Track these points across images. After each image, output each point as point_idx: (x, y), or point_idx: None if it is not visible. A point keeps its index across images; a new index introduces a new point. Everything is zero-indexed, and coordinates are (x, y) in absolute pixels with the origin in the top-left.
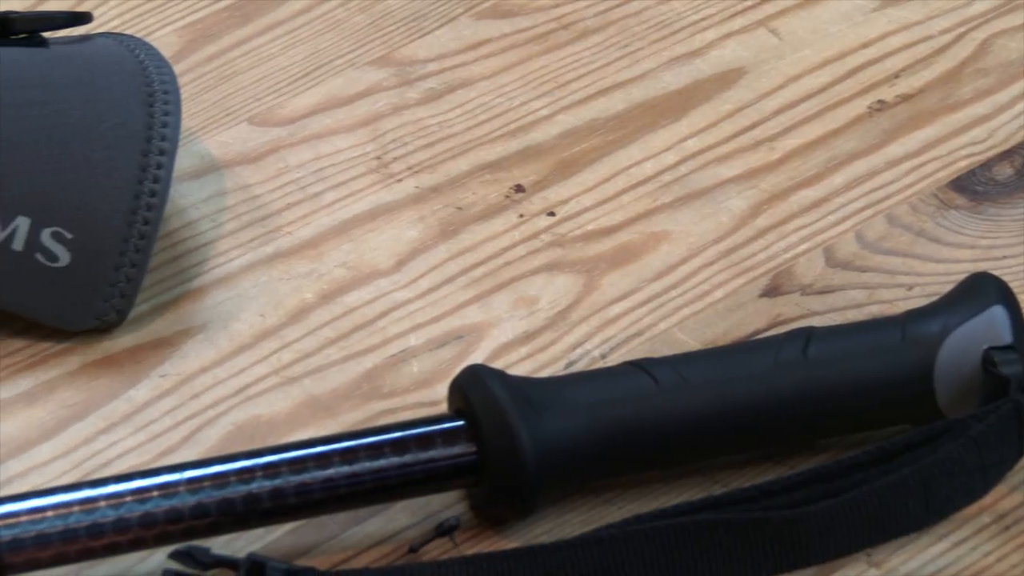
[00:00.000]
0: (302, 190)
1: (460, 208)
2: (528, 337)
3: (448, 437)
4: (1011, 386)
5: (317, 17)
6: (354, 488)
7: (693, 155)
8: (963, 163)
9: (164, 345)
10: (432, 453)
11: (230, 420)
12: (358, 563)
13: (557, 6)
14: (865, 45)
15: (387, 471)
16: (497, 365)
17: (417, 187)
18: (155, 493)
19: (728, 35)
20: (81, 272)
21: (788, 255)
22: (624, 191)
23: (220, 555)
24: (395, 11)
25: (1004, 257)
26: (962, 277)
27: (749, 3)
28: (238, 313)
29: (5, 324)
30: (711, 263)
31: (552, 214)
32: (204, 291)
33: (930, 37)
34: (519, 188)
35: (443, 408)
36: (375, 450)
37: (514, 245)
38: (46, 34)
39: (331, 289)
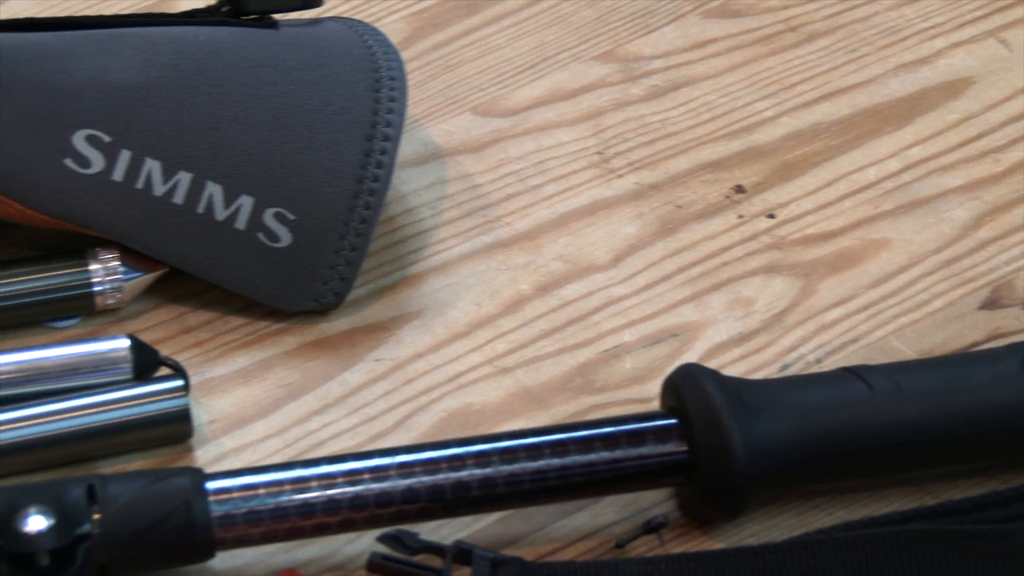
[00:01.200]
0: (522, 182)
1: (679, 206)
2: (743, 338)
3: (660, 434)
4: None
5: (544, 10)
6: (564, 481)
7: (917, 163)
8: None
9: (380, 329)
10: (643, 450)
11: (442, 407)
12: (564, 556)
13: (786, 8)
14: None
15: (597, 465)
16: (710, 365)
17: (637, 183)
18: (366, 476)
19: (957, 44)
20: (301, 254)
21: (1009, 268)
22: (845, 196)
23: (428, 541)
24: (622, 7)
25: None
26: None
27: (979, 13)
28: (454, 301)
29: (225, 302)
30: (930, 273)
31: (772, 216)
32: (421, 278)
33: None
34: (739, 189)
35: (654, 405)
36: (586, 444)
37: (732, 246)
38: (277, 17)
39: (547, 281)
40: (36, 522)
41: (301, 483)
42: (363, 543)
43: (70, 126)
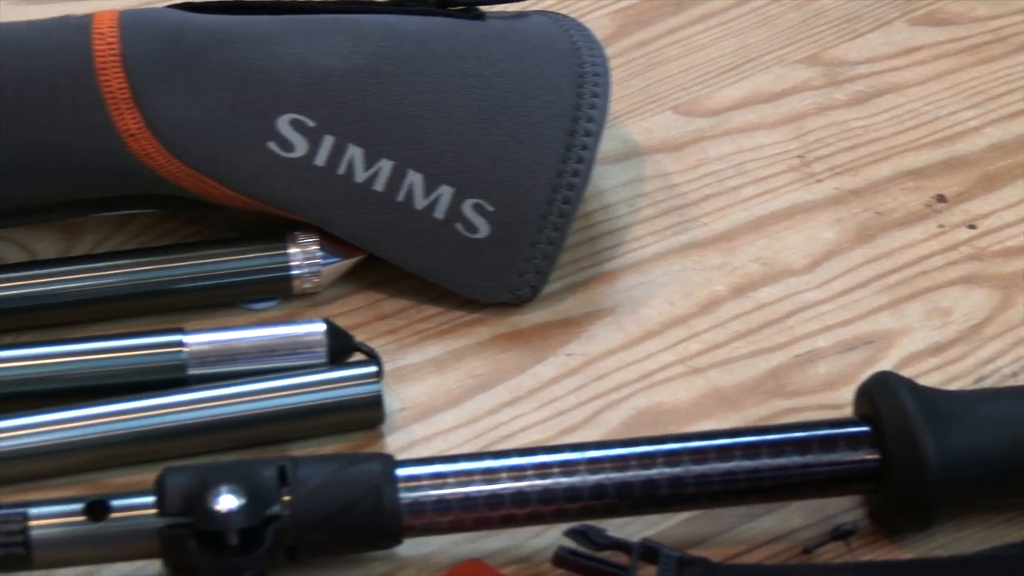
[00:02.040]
0: (721, 183)
1: (879, 213)
2: (938, 349)
3: (852, 441)
4: None
5: (750, 11)
6: (753, 483)
7: None
8: None
9: (573, 325)
10: (834, 456)
11: (633, 405)
12: (750, 559)
13: (995, 18)
14: None
15: (788, 469)
16: (905, 374)
17: (837, 189)
18: (556, 470)
19: None
20: (498, 245)
21: None
22: None
23: (614, 537)
24: (829, 11)
25: None
26: None
27: None
28: (648, 299)
29: (420, 291)
30: None
31: (972, 227)
32: (616, 275)
33: None
34: (941, 198)
35: (846, 412)
36: (777, 448)
37: (931, 255)
38: (484, 9)
39: (743, 283)
40: (227, 501)
41: (490, 474)
42: (550, 537)
43: (275, 110)
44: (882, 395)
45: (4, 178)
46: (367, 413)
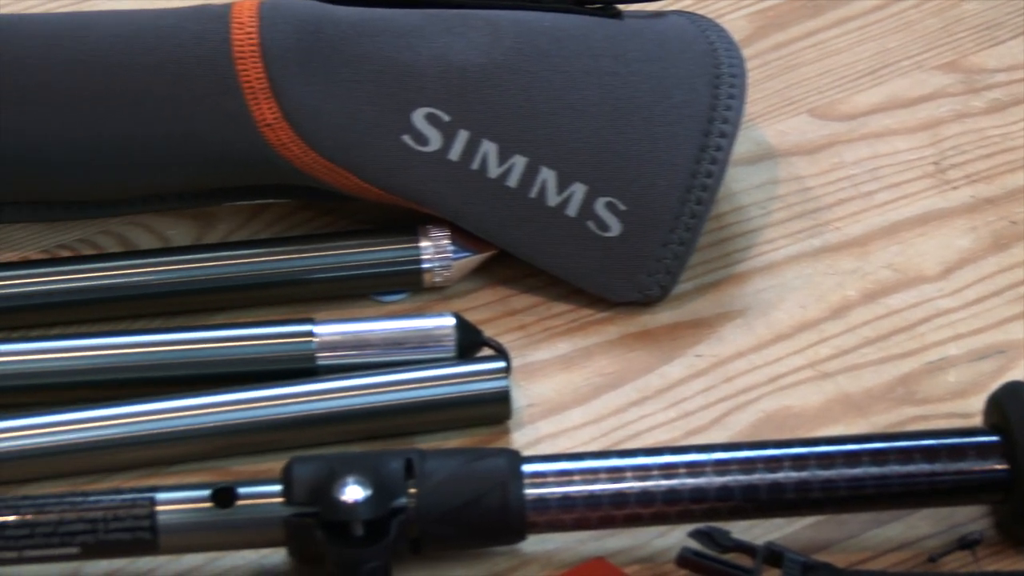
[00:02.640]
0: (855, 187)
1: (1014, 223)
2: None
3: (981, 451)
4: None
5: (889, 16)
6: (880, 490)
7: None
8: None
9: (702, 325)
10: (962, 465)
11: (760, 407)
12: (875, 565)
13: None
14: None
15: (915, 477)
16: None
17: (972, 196)
18: (682, 470)
19: None
20: (630, 244)
21: None
22: None
23: (739, 540)
24: (969, 17)
25: None
26: None
27: None
28: (778, 302)
29: (550, 287)
30: None
31: None
32: (746, 277)
33: None
34: None
35: (976, 421)
36: (905, 455)
37: None
38: (621, 7)
39: (874, 289)
40: (354, 492)
41: (616, 473)
42: (673, 537)
43: (412, 103)
44: (1013, 405)
45: (139, 165)
46: (494, 408)
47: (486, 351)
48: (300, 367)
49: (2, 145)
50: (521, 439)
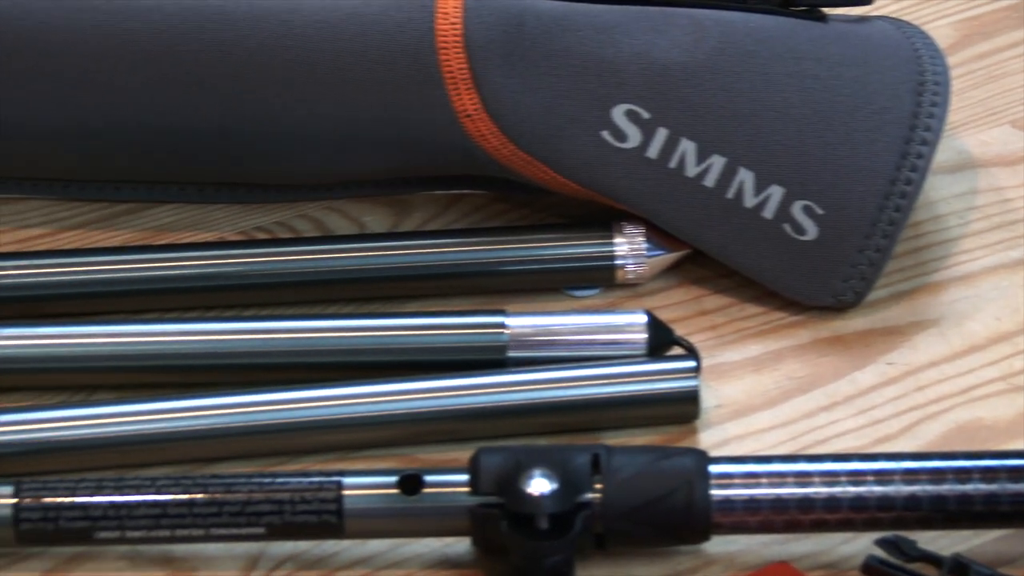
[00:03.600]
0: None
1: None
2: None
3: None
4: None
5: None
6: None
7: None
8: None
9: (895, 333)
10: None
11: (952, 418)
12: None
13: None
14: None
15: None
16: None
17: None
18: (870, 478)
19: None
20: (825, 249)
21: None
22: None
23: (925, 550)
24: None
25: None
26: None
27: None
28: (973, 313)
29: (742, 289)
30: None
31: None
32: (942, 286)
33: None
34: None
35: None
36: None
37: None
38: (826, 10)
39: None
40: (540, 485)
41: (803, 478)
42: (859, 544)
43: (612, 99)
44: None
45: (336, 150)
46: (682, 408)
47: (676, 350)
48: (490, 358)
49: (208, 127)
50: (708, 439)
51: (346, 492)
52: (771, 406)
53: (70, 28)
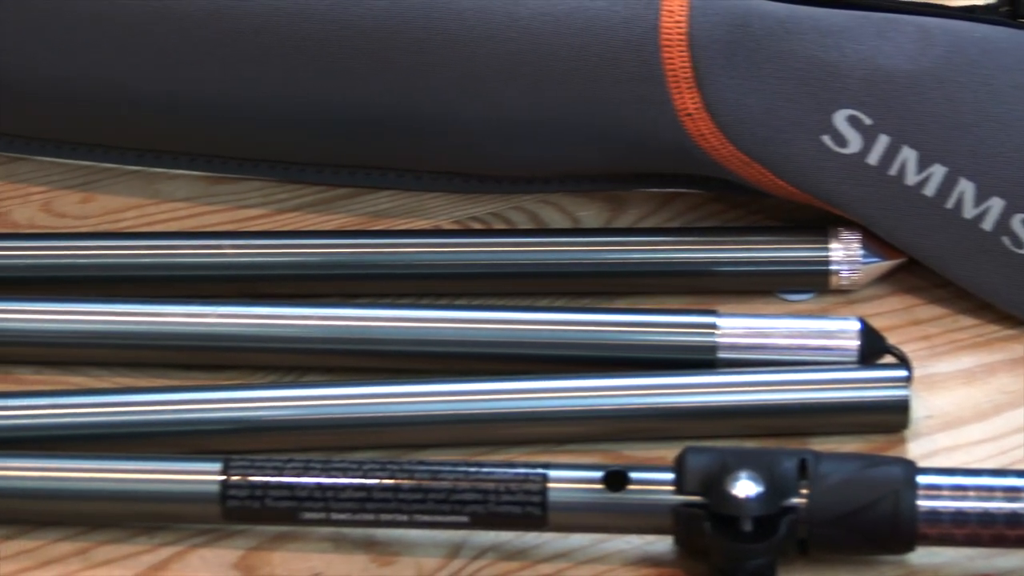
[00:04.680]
0: None
1: None
2: None
3: None
4: None
5: None
6: None
7: None
8: None
9: None
10: None
11: None
12: None
13: None
14: None
15: None
16: None
17: None
18: None
19: None
20: None
21: None
22: None
23: None
24: None
25: None
26: None
27: None
28: None
29: (957, 300)
30: None
31: None
32: None
33: None
34: None
35: None
36: None
37: None
38: None
39: None
40: (745, 487)
41: (1013, 492)
42: None
43: (834, 104)
44: None
45: (553, 143)
46: (891, 417)
47: (888, 359)
48: (699, 358)
49: (428, 115)
50: (916, 450)
51: (551, 485)
52: (982, 419)
53: (302, 14)
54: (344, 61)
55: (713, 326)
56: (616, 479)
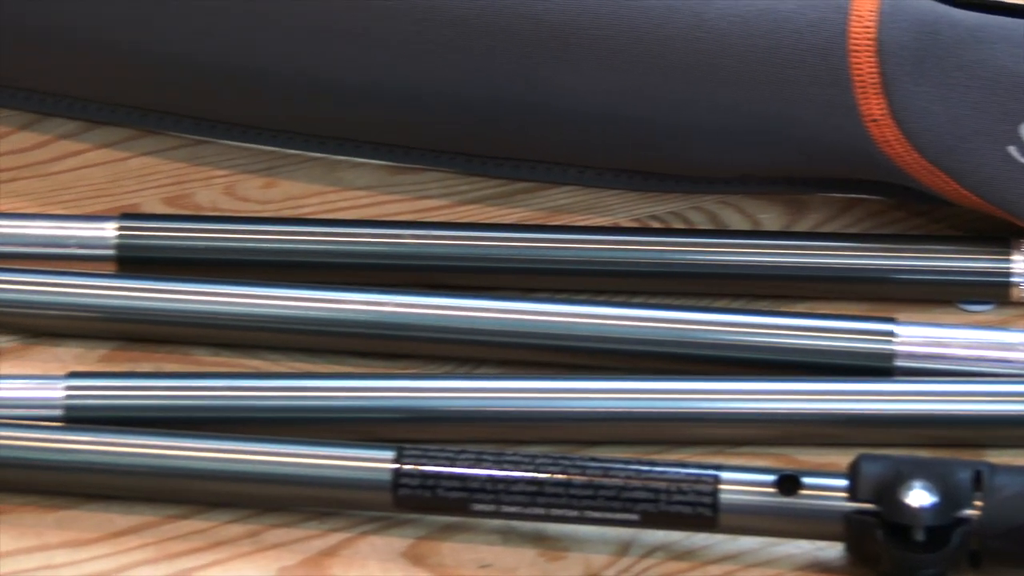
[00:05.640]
0: None
1: None
2: None
3: None
4: None
5: None
6: None
7: None
8: None
9: None
10: None
11: None
12: None
13: None
14: None
15: None
16: None
17: None
18: None
19: None
20: None
21: None
22: None
23: None
24: None
25: None
26: None
27: None
28: None
29: None
30: None
31: None
32: None
33: None
34: None
35: None
36: None
37: None
38: None
39: None
40: (919, 496)
41: None
42: None
43: (1022, 115)
44: None
45: (734, 144)
46: None
47: None
48: (875, 365)
49: (610, 111)
50: None
51: (723, 487)
52: None
53: (493, 6)
54: (529, 55)
55: (891, 334)
56: (789, 483)
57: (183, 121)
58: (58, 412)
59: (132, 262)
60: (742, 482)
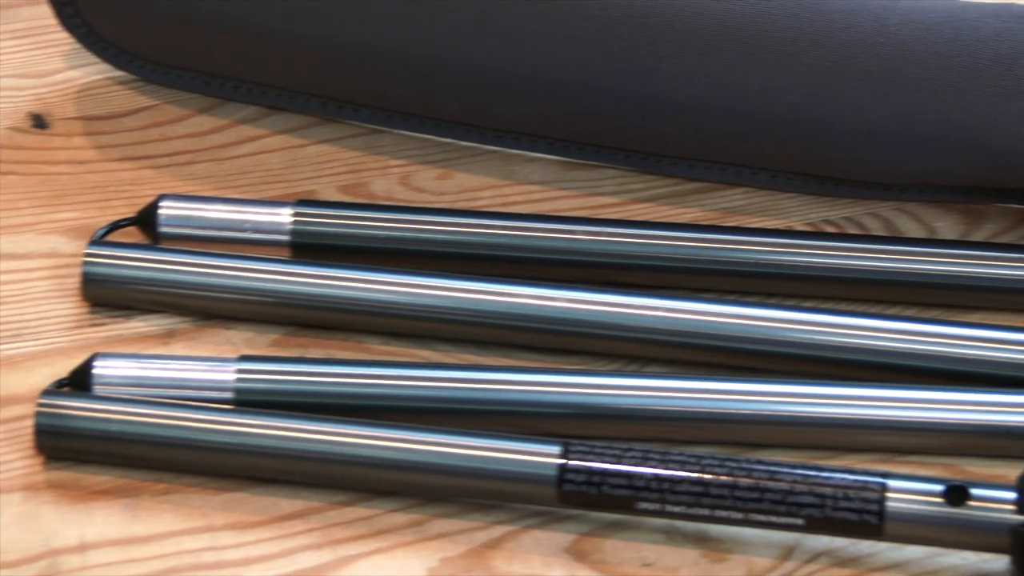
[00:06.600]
0: None
1: None
2: None
3: None
4: None
5: None
6: None
7: None
8: None
9: None
10: None
11: None
12: None
13: None
14: None
15: None
16: None
17: None
18: None
19: None
20: None
21: None
22: None
23: None
24: None
25: None
26: None
27: None
28: None
29: None
30: None
31: None
32: None
33: None
34: None
35: None
36: None
37: None
38: None
39: None
40: None
41: None
42: None
43: None
44: None
45: (912, 152)
46: None
47: None
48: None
49: (787, 113)
50: None
51: (890, 495)
52: None
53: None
54: (711, 56)
55: None
56: (957, 494)
57: (361, 110)
58: (228, 395)
59: (306, 248)
60: (909, 491)
